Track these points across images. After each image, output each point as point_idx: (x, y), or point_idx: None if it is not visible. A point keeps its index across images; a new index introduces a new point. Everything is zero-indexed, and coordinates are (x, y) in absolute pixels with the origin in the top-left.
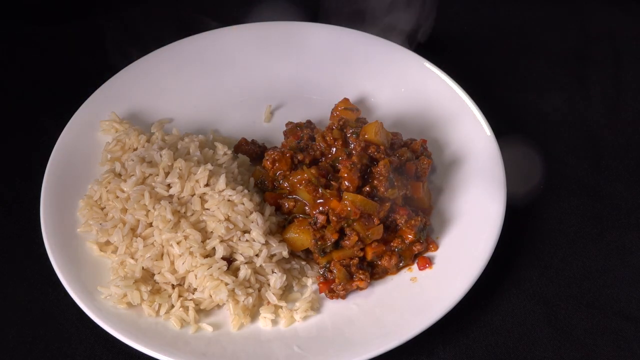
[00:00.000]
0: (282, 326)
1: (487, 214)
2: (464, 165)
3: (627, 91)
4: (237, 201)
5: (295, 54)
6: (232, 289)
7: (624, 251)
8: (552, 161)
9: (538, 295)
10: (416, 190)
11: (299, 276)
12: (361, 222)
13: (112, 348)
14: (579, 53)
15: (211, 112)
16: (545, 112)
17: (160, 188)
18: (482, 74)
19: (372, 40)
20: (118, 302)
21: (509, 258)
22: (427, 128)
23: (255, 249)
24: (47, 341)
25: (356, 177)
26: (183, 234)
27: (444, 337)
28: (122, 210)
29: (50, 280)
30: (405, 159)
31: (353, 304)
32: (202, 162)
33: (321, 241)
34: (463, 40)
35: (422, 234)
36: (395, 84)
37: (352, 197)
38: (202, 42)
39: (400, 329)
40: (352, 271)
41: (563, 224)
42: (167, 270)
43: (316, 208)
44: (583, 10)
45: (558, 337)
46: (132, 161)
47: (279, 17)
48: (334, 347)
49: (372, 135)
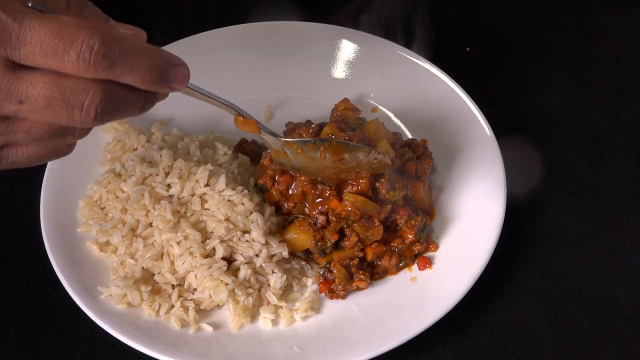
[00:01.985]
0: (282, 326)
1: (487, 214)
2: (464, 165)
3: (627, 91)
4: (237, 201)
5: (295, 54)
6: (232, 289)
7: (624, 251)
8: (552, 161)
9: (538, 295)
10: (416, 190)
11: (299, 276)
12: (361, 223)
13: (112, 348)
14: (579, 53)
15: (211, 112)
16: (545, 112)
17: (160, 188)
18: (482, 74)
19: (372, 40)
20: (118, 302)
21: (509, 258)
22: (427, 128)
23: (255, 249)
24: (47, 341)
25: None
26: (183, 234)
27: (444, 337)
28: (122, 210)
29: (50, 280)
30: (406, 159)
31: (353, 304)
32: (202, 162)
33: (321, 242)
34: (463, 40)
35: (422, 234)
36: (395, 84)
37: (352, 198)
38: (202, 42)
39: (400, 329)
40: (352, 271)
41: (563, 224)
42: (167, 270)
43: (315, 208)
44: (583, 10)
45: (558, 337)
46: (132, 161)
47: (279, 17)
48: (334, 347)
49: (372, 134)
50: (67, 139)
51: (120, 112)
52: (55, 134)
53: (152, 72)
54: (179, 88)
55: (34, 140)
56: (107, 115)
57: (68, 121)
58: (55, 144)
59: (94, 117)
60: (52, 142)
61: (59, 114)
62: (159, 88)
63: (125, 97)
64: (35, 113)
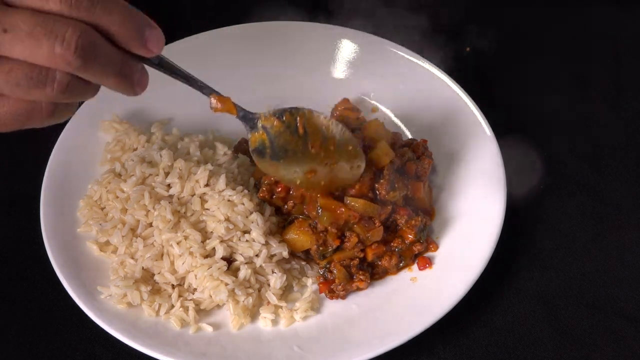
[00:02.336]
0: (282, 326)
1: (487, 214)
2: (464, 165)
3: (627, 91)
4: (237, 201)
5: (295, 54)
6: (232, 289)
7: (624, 251)
8: (552, 161)
9: (538, 295)
10: (417, 190)
11: (299, 276)
12: (361, 224)
13: (112, 348)
14: (579, 53)
15: (211, 112)
16: (545, 112)
17: (160, 188)
18: (482, 74)
19: (372, 40)
20: (118, 302)
21: (509, 258)
22: (427, 128)
23: (255, 249)
24: (47, 341)
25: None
26: (183, 234)
27: (444, 337)
28: (122, 210)
29: (50, 280)
30: (406, 159)
31: (353, 304)
32: (202, 162)
33: (323, 247)
34: (463, 41)
35: (423, 234)
36: (395, 84)
37: (354, 202)
38: (202, 42)
39: (400, 329)
40: (352, 272)
41: (563, 224)
42: (167, 271)
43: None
44: (583, 11)
45: (558, 337)
46: (132, 161)
47: (279, 17)
48: (334, 347)
49: (372, 134)
50: (47, 90)
51: (98, 61)
52: (35, 79)
53: (129, 24)
54: (153, 50)
55: (14, 85)
56: (87, 55)
57: (49, 54)
58: (34, 96)
59: (74, 50)
60: (32, 93)
61: (40, 43)
62: (135, 45)
63: (104, 48)
64: (18, 42)
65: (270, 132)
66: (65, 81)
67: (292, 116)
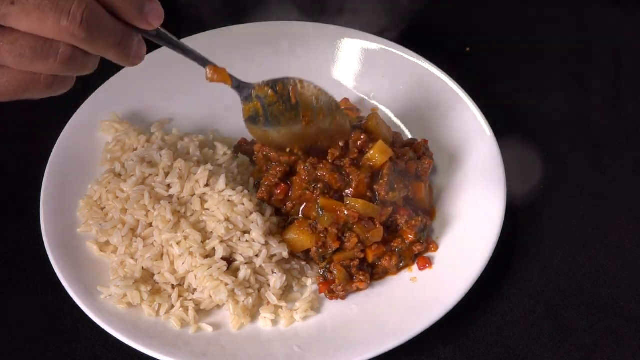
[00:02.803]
0: (282, 326)
1: (487, 214)
2: (464, 165)
3: (627, 91)
4: (237, 201)
5: (295, 54)
6: (232, 289)
7: (624, 251)
8: (552, 161)
9: (538, 295)
10: (417, 190)
11: (299, 276)
12: (361, 225)
13: (112, 348)
14: (579, 53)
15: (211, 112)
16: (546, 112)
17: (160, 188)
18: (482, 74)
19: (372, 40)
20: (118, 302)
21: (509, 258)
22: (427, 128)
23: (255, 250)
24: (47, 341)
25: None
26: (183, 234)
27: (444, 337)
28: (122, 210)
29: (50, 280)
30: (407, 158)
31: (353, 304)
32: (202, 162)
33: (323, 249)
34: (463, 40)
35: (423, 234)
36: (395, 84)
37: (354, 202)
38: (202, 42)
39: (400, 329)
40: (352, 272)
41: (563, 224)
42: (167, 271)
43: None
44: (583, 10)
45: (558, 337)
46: (132, 161)
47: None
48: (334, 347)
49: (373, 126)
50: (50, 61)
51: (101, 33)
52: (39, 51)
53: None
54: (153, 23)
55: (18, 56)
56: (91, 28)
57: (55, 26)
58: (37, 67)
59: (79, 23)
60: (35, 65)
61: (47, 16)
62: (136, 17)
63: (107, 21)
64: (24, 14)
65: (264, 101)
66: (68, 53)
67: (284, 86)
